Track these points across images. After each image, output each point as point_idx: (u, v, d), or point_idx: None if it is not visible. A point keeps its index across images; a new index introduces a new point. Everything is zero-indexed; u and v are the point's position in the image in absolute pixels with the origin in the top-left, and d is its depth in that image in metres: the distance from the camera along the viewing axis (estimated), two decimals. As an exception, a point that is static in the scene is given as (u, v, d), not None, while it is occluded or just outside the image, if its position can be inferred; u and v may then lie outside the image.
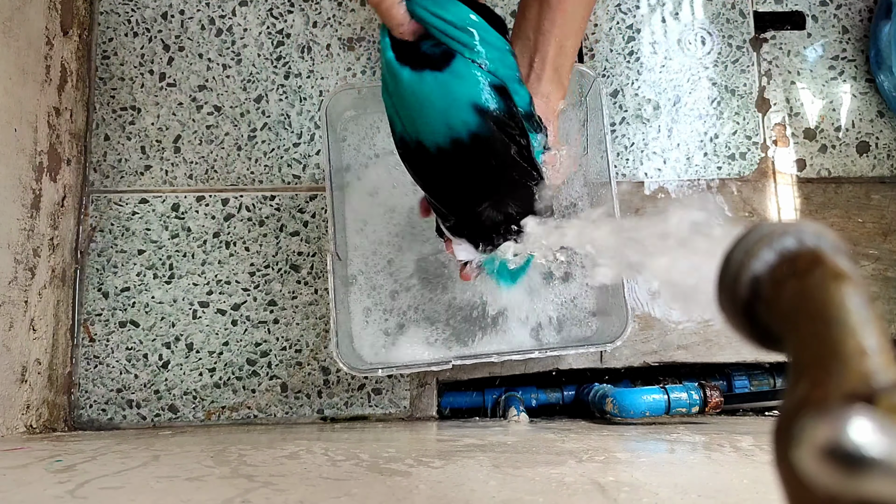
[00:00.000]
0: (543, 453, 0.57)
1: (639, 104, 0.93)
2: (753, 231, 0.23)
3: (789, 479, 0.18)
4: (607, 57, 0.93)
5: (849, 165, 0.92)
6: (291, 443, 0.63)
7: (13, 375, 0.74)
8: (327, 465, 0.52)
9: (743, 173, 0.92)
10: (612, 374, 0.89)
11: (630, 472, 0.51)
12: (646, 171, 0.91)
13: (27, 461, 0.55)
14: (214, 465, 0.51)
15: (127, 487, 0.45)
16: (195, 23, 0.93)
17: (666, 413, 0.77)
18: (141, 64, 0.92)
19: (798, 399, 0.18)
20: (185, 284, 0.87)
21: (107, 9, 0.93)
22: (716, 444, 0.63)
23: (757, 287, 0.23)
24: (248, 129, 0.91)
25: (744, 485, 0.47)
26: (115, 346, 0.86)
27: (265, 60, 0.92)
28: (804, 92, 0.94)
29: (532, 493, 0.43)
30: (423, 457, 0.54)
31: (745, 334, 0.24)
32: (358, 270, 0.87)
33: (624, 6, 0.94)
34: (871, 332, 0.19)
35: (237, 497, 0.41)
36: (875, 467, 0.15)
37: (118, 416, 0.85)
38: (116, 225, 0.88)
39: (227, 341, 0.86)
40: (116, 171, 0.90)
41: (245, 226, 0.89)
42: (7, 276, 0.73)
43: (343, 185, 0.86)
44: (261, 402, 0.85)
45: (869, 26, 0.94)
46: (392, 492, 0.43)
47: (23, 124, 0.77)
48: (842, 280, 0.21)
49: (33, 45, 0.80)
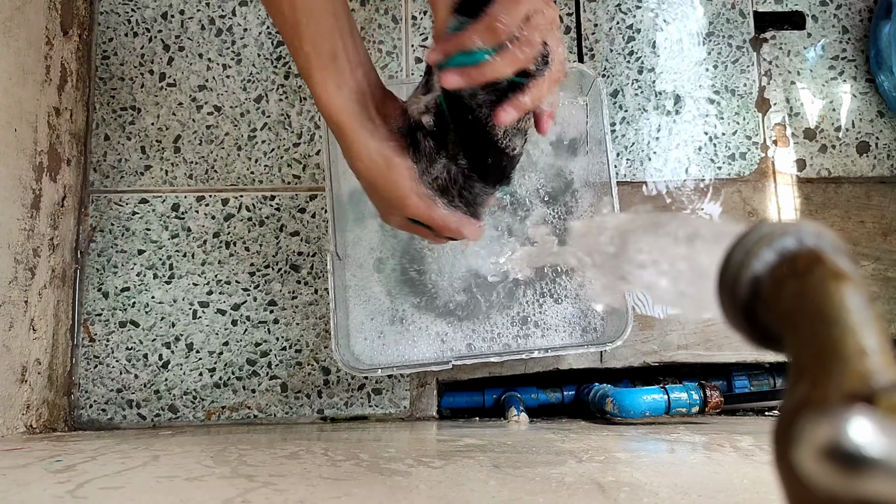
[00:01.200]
0: (543, 453, 0.57)
1: (639, 104, 0.93)
2: (753, 231, 0.23)
3: (789, 479, 0.18)
4: (607, 57, 0.93)
5: (849, 165, 0.92)
6: (291, 443, 0.63)
7: (13, 375, 0.74)
8: (327, 465, 0.52)
9: (743, 173, 0.92)
10: (613, 374, 0.90)
11: (630, 472, 0.51)
12: (646, 171, 0.91)
13: (27, 461, 0.55)
14: (214, 465, 0.51)
15: (127, 487, 0.45)
16: (195, 23, 0.93)
17: (666, 413, 0.77)
18: (141, 64, 0.92)
19: (798, 399, 0.18)
20: (185, 284, 0.87)
21: (107, 9, 0.93)
22: (716, 444, 0.63)
23: (757, 287, 0.23)
24: (248, 129, 0.91)
25: (744, 485, 0.47)
26: (115, 346, 0.86)
27: (265, 60, 0.92)
28: (804, 92, 0.94)
29: (532, 493, 0.43)
30: (423, 457, 0.54)
31: (745, 334, 0.24)
32: (357, 270, 0.87)
33: (624, 6, 0.94)
34: (870, 332, 0.19)
35: (237, 497, 0.41)
36: (875, 467, 0.15)
37: (118, 416, 0.85)
38: (116, 225, 0.88)
39: (227, 341, 0.86)
40: (116, 171, 0.90)
41: (245, 226, 0.89)
42: (7, 276, 0.73)
43: (343, 183, 0.86)
44: (261, 402, 0.85)
45: (869, 26, 0.94)
46: (392, 492, 0.43)
47: (23, 124, 0.77)
48: (842, 280, 0.21)
49: (33, 45, 0.80)
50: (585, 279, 0.44)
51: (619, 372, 0.89)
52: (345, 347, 0.77)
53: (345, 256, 0.85)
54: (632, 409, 0.76)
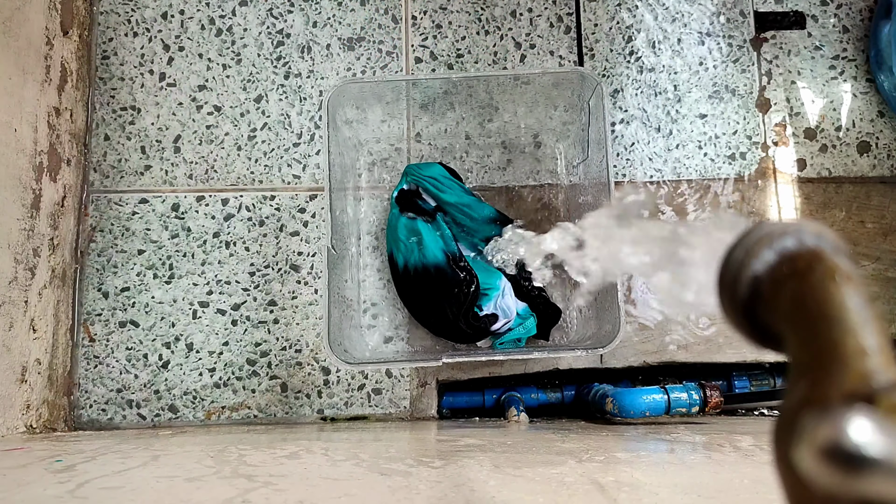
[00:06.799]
0: (543, 453, 0.57)
1: (639, 104, 0.93)
2: (753, 231, 0.23)
3: (789, 479, 0.18)
4: (607, 57, 0.93)
5: (849, 165, 0.92)
6: (291, 443, 0.63)
7: (13, 375, 0.74)
8: (327, 465, 0.52)
9: (743, 173, 0.92)
10: (613, 374, 0.89)
11: (630, 472, 0.51)
12: (646, 171, 0.91)
13: (27, 461, 0.55)
14: (214, 465, 0.51)
15: (127, 487, 0.45)
16: (195, 23, 0.93)
17: (666, 413, 0.77)
18: (141, 64, 0.92)
19: (798, 399, 0.18)
20: (185, 284, 0.87)
21: (107, 9, 0.93)
22: (716, 444, 0.63)
23: (757, 287, 0.23)
24: (248, 129, 0.91)
25: (744, 485, 0.47)
26: (115, 346, 0.86)
27: (265, 60, 0.92)
28: (804, 91, 0.94)
29: (532, 493, 0.43)
30: (423, 457, 0.54)
31: (745, 334, 0.24)
32: (355, 268, 0.87)
33: (624, 6, 0.94)
34: (870, 332, 0.19)
35: (237, 497, 0.41)
36: (875, 467, 0.15)
37: (118, 416, 0.85)
38: (116, 225, 0.88)
39: (227, 341, 0.86)
40: (116, 171, 0.90)
41: (245, 226, 0.89)
42: (7, 276, 0.73)
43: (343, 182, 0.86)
44: (261, 402, 0.85)
45: (869, 26, 0.94)
46: (392, 492, 0.43)
47: (23, 124, 0.77)
48: (841, 280, 0.21)
49: (33, 45, 0.80)
50: (568, 264, 0.44)
51: (619, 372, 0.89)
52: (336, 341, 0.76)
53: (343, 254, 0.85)
54: (632, 408, 0.76)
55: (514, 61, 0.93)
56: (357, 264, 0.88)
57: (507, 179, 0.91)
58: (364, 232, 0.89)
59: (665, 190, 0.91)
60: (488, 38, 0.94)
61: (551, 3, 0.94)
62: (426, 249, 0.81)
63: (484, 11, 0.94)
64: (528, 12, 0.94)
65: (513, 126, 0.90)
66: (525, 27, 0.94)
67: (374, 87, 0.80)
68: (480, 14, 0.94)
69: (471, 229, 0.86)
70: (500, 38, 0.94)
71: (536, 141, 0.91)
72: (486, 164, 0.91)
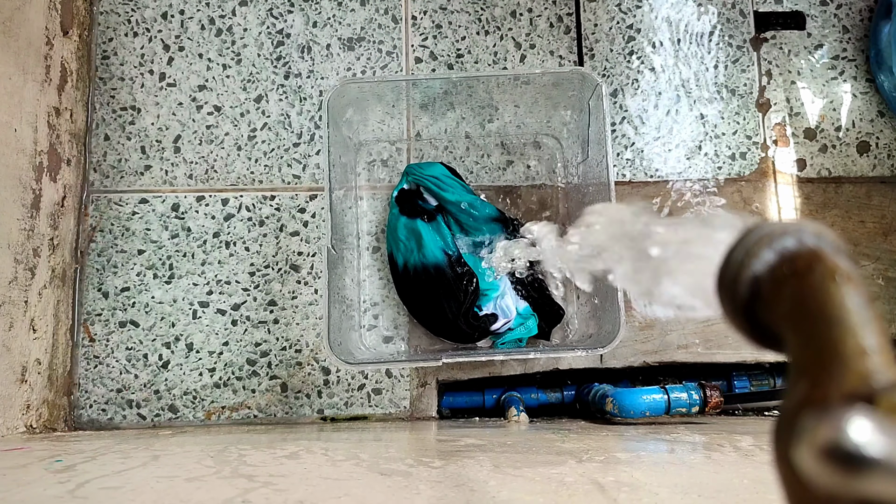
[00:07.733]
0: (543, 453, 0.57)
1: (639, 104, 0.93)
2: (753, 231, 0.23)
3: (789, 479, 0.18)
4: (607, 57, 0.93)
5: (849, 165, 0.92)
6: (291, 443, 0.63)
7: (13, 375, 0.74)
8: (327, 465, 0.52)
9: (743, 173, 0.92)
10: (613, 374, 0.89)
11: (630, 472, 0.51)
12: (646, 171, 0.91)
13: (27, 461, 0.55)
14: (214, 465, 0.51)
15: (127, 487, 0.45)
16: (195, 23, 0.93)
17: (666, 413, 0.77)
18: (141, 64, 0.92)
19: (798, 399, 0.18)
20: (185, 284, 0.87)
21: (107, 9, 0.93)
22: (716, 444, 0.63)
23: (757, 287, 0.23)
24: (248, 129, 0.91)
25: (744, 485, 0.47)
26: (115, 346, 0.86)
27: (265, 60, 0.92)
28: (804, 91, 0.94)
29: (532, 493, 0.43)
30: (423, 457, 0.54)
31: (745, 334, 0.24)
32: (355, 268, 0.87)
33: (624, 6, 0.94)
34: (870, 332, 0.19)
35: (237, 497, 0.41)
36: (875, 467, 0.15)
37: (118, 416, 0.85)
38: (116, 225, 0.88)
39: (227, 341, 0.86)
40: (116, 171, 0.90)
41: (245, 226, 0.89)
42: (7, 276, 0.73)
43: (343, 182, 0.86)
44: (261, 402, 0.85)
45: (869, 26, 0.94)
46: (392, 492, 0.43)
47: (23, 124, 0.77)
48: (842, 280, 0.21)
49: (33, 45, 0.80)
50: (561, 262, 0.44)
51: (619, 372, 0.89)
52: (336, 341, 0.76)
53: (343, 253, 0.85)
54: (632, 408, 0.76)
55: (514, 61, 0.93)
56: (357, 264, 0.88)
57: (507, 179, 0.91)
58: (364, 232, 0.89)
59: (664, 190, 0.91)
60: (488, 38, 0.94)
61: (551, 3, 0.94)
62: (426, 249, 0.82)
63: (484, 11, 0.94)
64: (528, 12, 0.94)
65: (513, 126, 0.90)
66: (525, 27, 0.94)
67: (374, 87, 0.80)
68: (480, 14, 0.94)
69: (472, 228, 0.86)
70: (500, 39, 0.94)
71: (536, 141, 0.91)
72: (486, 164, 0.91)
